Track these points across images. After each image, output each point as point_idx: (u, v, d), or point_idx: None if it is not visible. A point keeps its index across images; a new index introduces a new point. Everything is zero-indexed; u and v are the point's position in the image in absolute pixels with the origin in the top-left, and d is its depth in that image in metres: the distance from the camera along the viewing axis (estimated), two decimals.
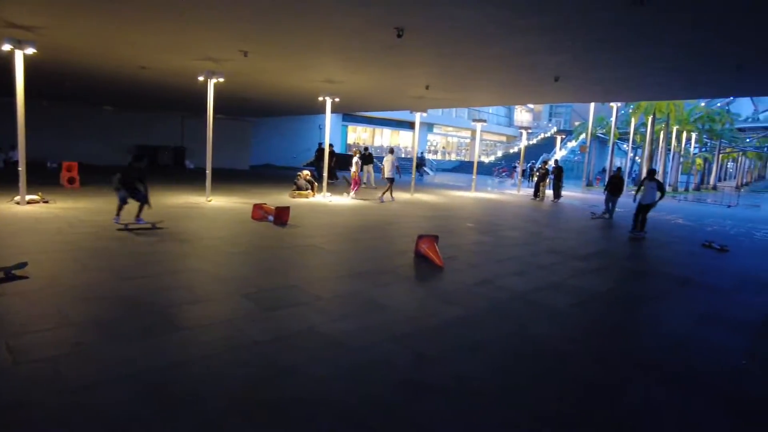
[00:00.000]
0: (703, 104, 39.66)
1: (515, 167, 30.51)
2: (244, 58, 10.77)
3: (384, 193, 15.26)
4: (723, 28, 7.38)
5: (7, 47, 9.11)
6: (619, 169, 16.34)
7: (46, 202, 10.13)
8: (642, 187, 11.63)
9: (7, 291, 4.66)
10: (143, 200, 8.20)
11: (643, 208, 11.05)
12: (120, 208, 8.16)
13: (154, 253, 6.70)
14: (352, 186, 15.66)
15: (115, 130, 23.90)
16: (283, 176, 23.02)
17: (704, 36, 7.82)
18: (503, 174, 35.99)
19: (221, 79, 11.99)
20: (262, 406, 2.97)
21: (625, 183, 34.21)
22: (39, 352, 3.41)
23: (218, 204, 11.90)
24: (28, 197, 9.85)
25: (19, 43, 9.16)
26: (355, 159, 15.86)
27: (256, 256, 7.06)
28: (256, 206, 9.96)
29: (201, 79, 11.92)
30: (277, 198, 13.43)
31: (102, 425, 2.66)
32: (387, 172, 15.53)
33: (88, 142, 22.60)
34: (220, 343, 3.82)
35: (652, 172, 12.29)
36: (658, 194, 10.78)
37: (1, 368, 3.17)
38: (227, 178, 18.90)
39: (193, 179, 17.46)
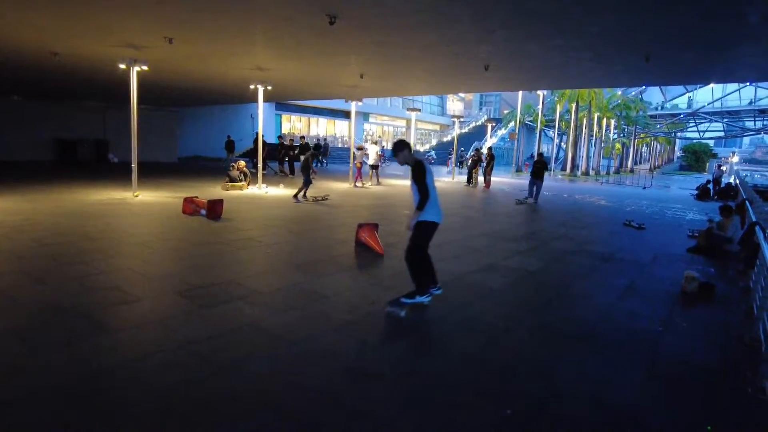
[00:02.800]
0: (619, 93, 42.39)
1: (450, 155, 31.22)
2: (168, 45, 10.21)
3: (377, 179, 18.41)
4: (629, 20, 7.88)
5: None
6: (540, 154, 16.92)
7: None
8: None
9: None
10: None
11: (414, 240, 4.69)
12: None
13: (77, 253, 6.26)
14: (357, 175, 17.64)
15: (27, 122, 21.88)
16: (213, 168, 22.20)
17: (614, 28, 8.32)
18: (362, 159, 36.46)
19: (145, 68, 11.31)
20: (197, 407, 2.88)
21: (552, 167, 35.88)
22: None
23: (146, 199, 11.29)
24: None
25: None
26: (359, 152, 18.26)
27: (189, 252, 6.77)
28: (187, 200, 9.54)
29: (122, 67, 11.19)
30: (209, 191, 12.94)
31: None
32: (372, 159, 18.35)
33: None
34: (152, 345, 3.65)
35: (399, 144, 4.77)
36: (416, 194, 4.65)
37: None
38: (155, 171, 17.96)
39: (117, 174, 16.47)
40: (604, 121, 42.38)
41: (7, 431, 2.55)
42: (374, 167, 18.43)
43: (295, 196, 12.30)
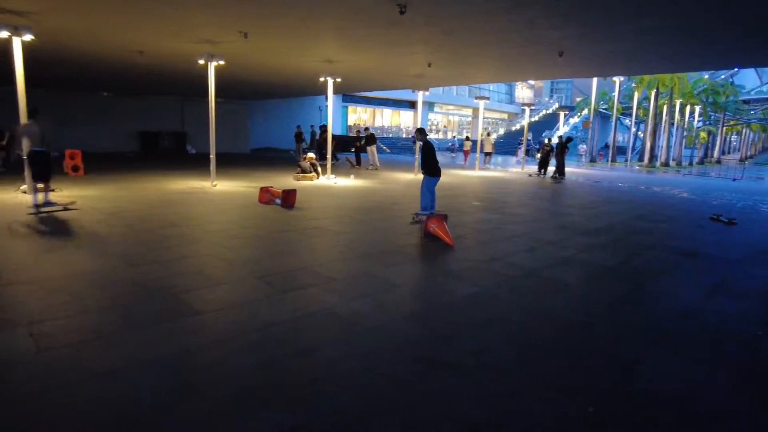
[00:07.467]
0: (706, 76, 39.23)
1: (519, 144, 30.39)
2: (243, 39, 10.61)
3: (487, 163, 22.97)
4: None
5: (4, 34, 8.98)
6: (420, 128, 14.09)
7: (53, 190, 10.11)
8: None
9: (24, 279, 4.70)
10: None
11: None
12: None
13: (165, 238, 6.71)
14: (465, 158, 25.28)
15: (114, 116, 23.71)
16: (284, 159, 22.96)
17: (704, 2, 7.67)
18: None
19: (222, 62, 11.83)
20: (277, 387, 3.00)
21: (628, 157, 33.83)
22: (61, 339, 3.45)
23: (224, 188, 11.89)
24: None
25: (16, 30, 9.02)
26: (467, 142, 25.38)
27: (266, 239, 7.07)
28: (263, 189, 9.94)
29: (201, 62, 11.76)
30: (281, 181, 13.40)
31: (126, 410, 2.70)
32: (487, 148, 22.97)
33: (87, 129, 22.41)
34: (235, 327, 3.85)
35: None
36: None
37: (25, 356, 3.22)
38: (229, 162, 18.83)
39: (195, 164, 17.41)
40: (688, 107, 39.47)
41: (113, 397, 2.79)
42: (488, 154, 23.13)
43: (555, 177, 17.98)
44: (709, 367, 3.55)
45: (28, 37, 9.17)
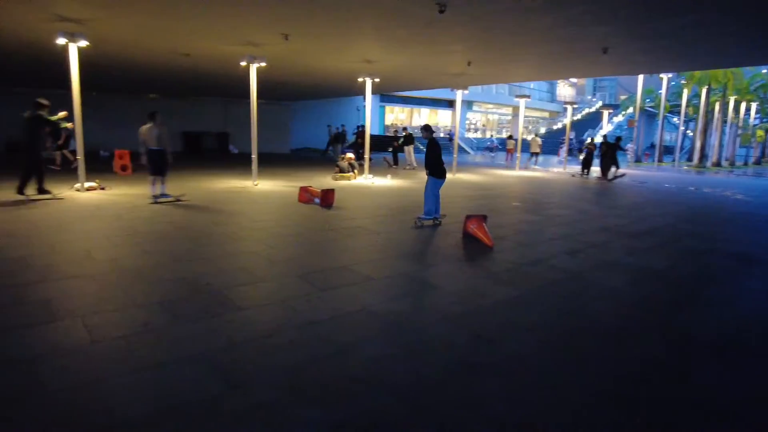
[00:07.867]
0: (765, 71, 37.14)
1: (561, 144, 29.69)
2: (284, 41, 10.80)
3: (529, 162, 23.26)
4: None
5: (62, 41, 9.47)
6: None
7: (103, 188, 10.62)
8: None
9: (77, 274, 4.93)
10: None
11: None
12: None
13: (209, 235, 6.91)
14: (507, 158, 25.45)
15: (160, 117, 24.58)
16: (324, 159, 23.22)
17: None
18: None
19: (263, 64, 12.07)
20: (318, 384, 3.02)
21: (677, 157, 32.42)
22: (113, 331, 3.60)
23: (265, 188, 12.13)
24: (87, 184, 10.35)
25: (72, 36, 9.51)
26: (510, 141, 25.19)
27: (306, 237, 7.16)
28: (303, 189, 10.09)
29: (243, 64, 12.04)
30: (320, 181, 13.56)
31: (176, 401, 2.78)
32: (533, 148, 23.41)
33: (135, 130, 23.24)
34: (277, 323, 3.91)
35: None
36: None
37: (81, 346, 3.37)
38: (270, 161, 19.18)
39: (238, 163, 17.83)
40: (743, 104, 37.45)
41: (161, 388, 2.89)
42: (535, 154, 23.27)
43: (608, 178, 17.51)
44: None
45: (83, 43, 9.64)
